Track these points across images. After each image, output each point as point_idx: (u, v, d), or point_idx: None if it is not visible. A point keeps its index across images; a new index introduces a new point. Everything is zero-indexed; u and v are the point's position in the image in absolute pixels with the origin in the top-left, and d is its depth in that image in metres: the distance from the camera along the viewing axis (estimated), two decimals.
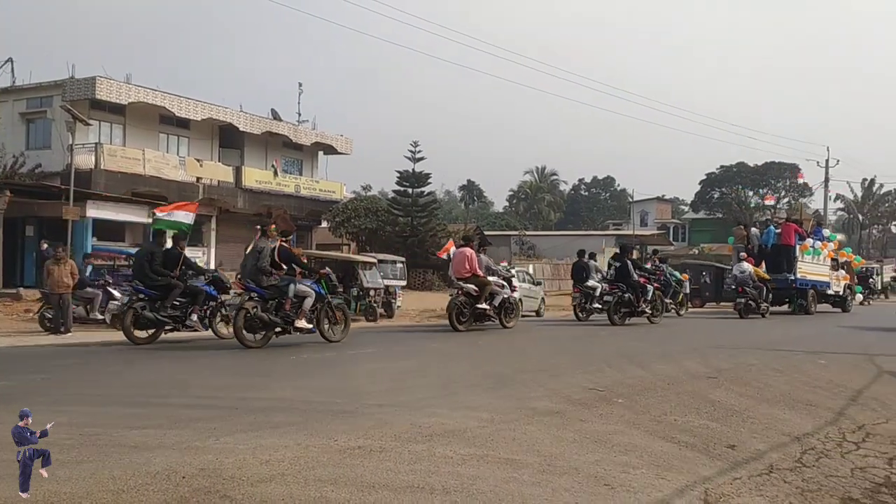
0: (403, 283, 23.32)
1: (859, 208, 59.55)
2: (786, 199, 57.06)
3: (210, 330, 12.29)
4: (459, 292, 14.49)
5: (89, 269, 16.22)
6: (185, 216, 14.34)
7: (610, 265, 17.68)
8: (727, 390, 7.71)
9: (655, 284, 17.45)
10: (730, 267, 22.11)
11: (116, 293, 14.56)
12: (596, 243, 44.69)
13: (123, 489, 3.85)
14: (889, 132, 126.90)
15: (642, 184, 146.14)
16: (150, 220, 18.20)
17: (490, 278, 14.95)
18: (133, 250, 18.16)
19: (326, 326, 11.44)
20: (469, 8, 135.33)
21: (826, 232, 25.64)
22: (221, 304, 12.37)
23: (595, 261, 18.96)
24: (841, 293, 23.90)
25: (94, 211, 23.91)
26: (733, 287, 20.41)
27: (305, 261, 12.88)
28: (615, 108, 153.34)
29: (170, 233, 13.09)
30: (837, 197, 57.54)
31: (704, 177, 60.82)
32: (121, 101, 27.98)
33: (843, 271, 24.35)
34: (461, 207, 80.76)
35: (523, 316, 20.18)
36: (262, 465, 4.36)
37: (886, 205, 61.54)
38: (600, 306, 17.48)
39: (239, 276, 11.53)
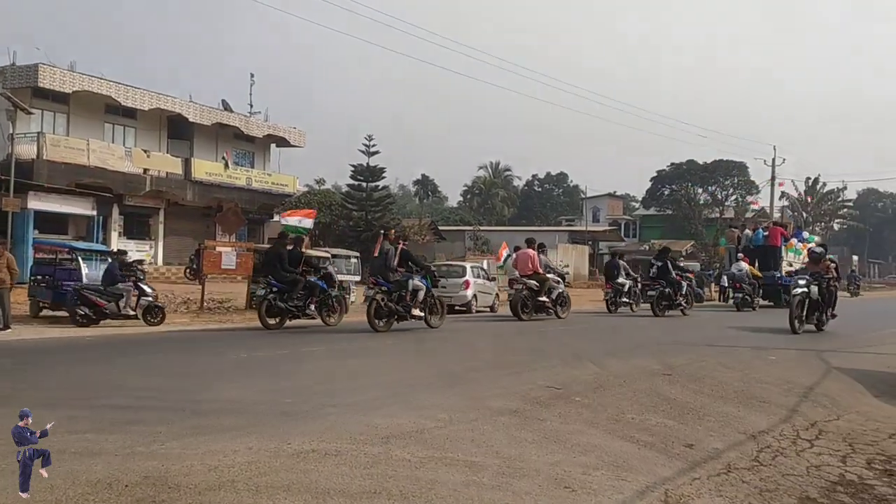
0: (358, 278, 23.06)
1: (803, 206, 61.20)
2: (733, 197, 58.24)
3: (320, 318, 14.43)
4: (523, 287, 16.58)
5: (96, 264, 15.66)
6: (306, 222, 17.61)
7: (652, 264, 19.98)
8: (682, 387, 7.74)
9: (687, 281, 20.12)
10: (707, 267, 24.54)
11: (147, 288, 14.95)
12: (549, 239, 44.96)
13: (62, 500, 3.63)
14: (831, 131, 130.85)
15: (595, 180, 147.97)
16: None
17: (548, 275, 17.05)
18: (78, 244, 17.52)
19: (430, 315, 14.12)
20: (424, 1, 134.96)
21: (805, 234, 28.37)
22: (330, 296, 14.61)
23: (623, 260, 20.78)
24: None
25: (37, 202, 23.09)
26: (729, 284, 22.78)
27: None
28: (569, 104, 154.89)
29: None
30: (783, 195, 58.99)
31: (655, 174, 61.79)
32: (64, 90, 27.07)
33: None
34: (415, 202, 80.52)
35: (478, 311, 20.18)
36: (210, 472, 4.17)
37: (829, 203, 63.34)
38: (627, 300, 20.06)
39: (370, 273, 14.22)
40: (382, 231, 15.13)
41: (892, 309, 26.36)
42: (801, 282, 14.14)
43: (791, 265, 24.99)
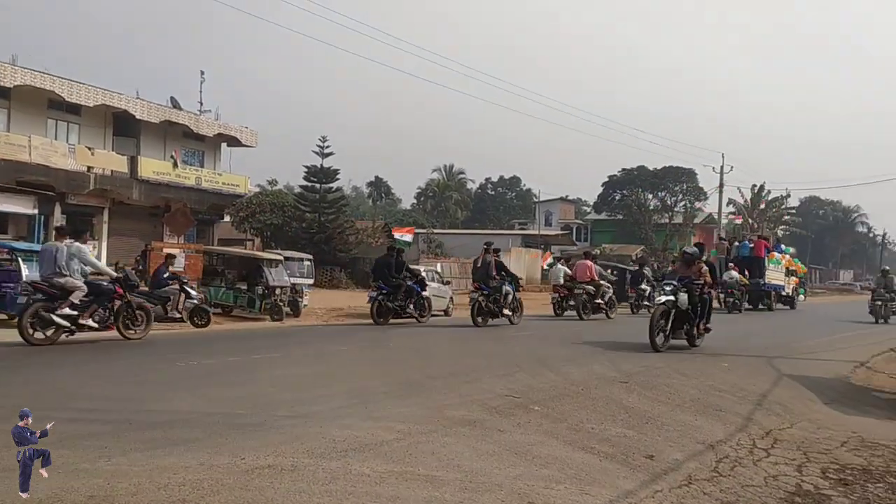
0: (311, 281, 22.73)
1: (749, 213, 62.67)
2: (682, 203, 59.32)
3: (415, 317, 17.31)
4: (583, 291, 19.82)
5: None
6: (406, 236, 19.88)
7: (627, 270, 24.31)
8: (639, 395, 7.76)
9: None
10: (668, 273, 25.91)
11: (193, 291, 15.48)
12: (502, 242, 45.11)
13: None
14: (777, 139, 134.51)
15: (547, 184, 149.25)
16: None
17: (602, 282, 20.47)
18: (18, 244, 16.77)
19: (513, 314, 17.13)
20: (377, 4, 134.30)
21: (783, 246, 31.68)
22: (423, 297, 17.59)
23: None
24: (790, 294, 29.42)
25: None
26: (722, 290, 24.57)
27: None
28: (524, 109, 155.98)
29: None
30: (730, 201, 60.34)
31: (607, 179, 62.60)
32: (5, 84, 26.03)
33: (793, 277, 29.83)
34: (368, 204, 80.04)
35: (433, 315, 20.07)
36: (159, 490, 3.97)
37: (773, 209, 64.98)
38: (649, 304, 21.64)
39: (473, 280, 17.54)
40: (485, 246, 17.74)
41: (835, 314, 27.12)
42: (667, 288, 11.94)
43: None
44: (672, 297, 11.68)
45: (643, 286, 23.36)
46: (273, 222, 34.41)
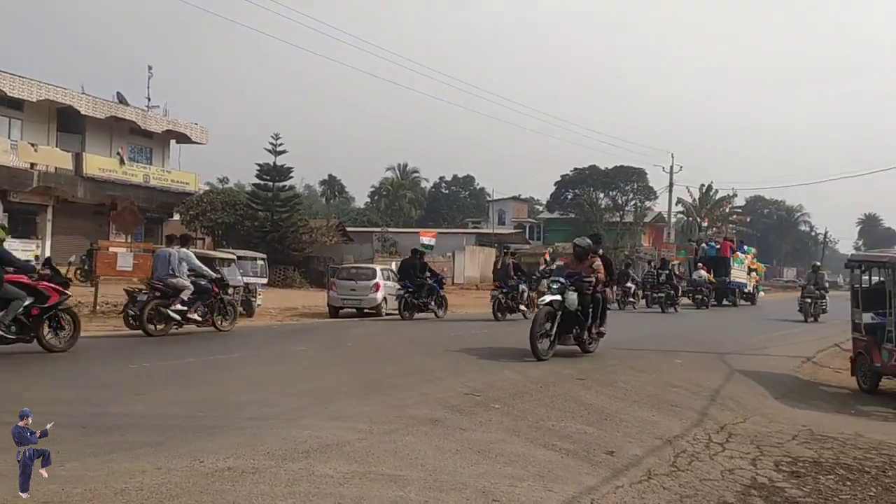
0: (264, 280, 22.40)
1: (697, 212, 64.00)
2: (633, 202, 60.21)
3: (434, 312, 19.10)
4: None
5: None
6: (430, 241, 26.08)
7: (659, 273, 25.59)
8: (597, 392, 7.86)
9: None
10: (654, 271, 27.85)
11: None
12: (456, 241, 45.26)
13: None
14: (722, 141, 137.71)
15: (501, 183, 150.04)
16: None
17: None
18: None
19: (528, 309, 18.71)
20: (331, 1, 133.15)
21: (745, 247, 33.75)
22: (442, 295, 19.71)
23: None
24: (752, 291, 31.94)
25: None
26: (692, 288, 27.25)
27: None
28: (478, 108, 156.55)
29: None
30: (679, 201, 61.51)
31: (559, 178, 63.19)
32: None
33: (754, 274, 32.33)
34: (322, 202, 79.36)
35: (388, 314, 20.00)
36: (116, 496, 3.88)
37: (721, 209, 66.45)
38: (634, 300, 25.64)
39: (494, 279, 19.61)
40: (504, 250, 20.38)
41: (783, 311, 27.88)
42: (554, 286, 10.21)
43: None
44: (558, 297, 10.05)
45: (628, 285, 25.34)
46: (225, 221, 33.82)
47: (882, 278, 10.24)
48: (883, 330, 9.55)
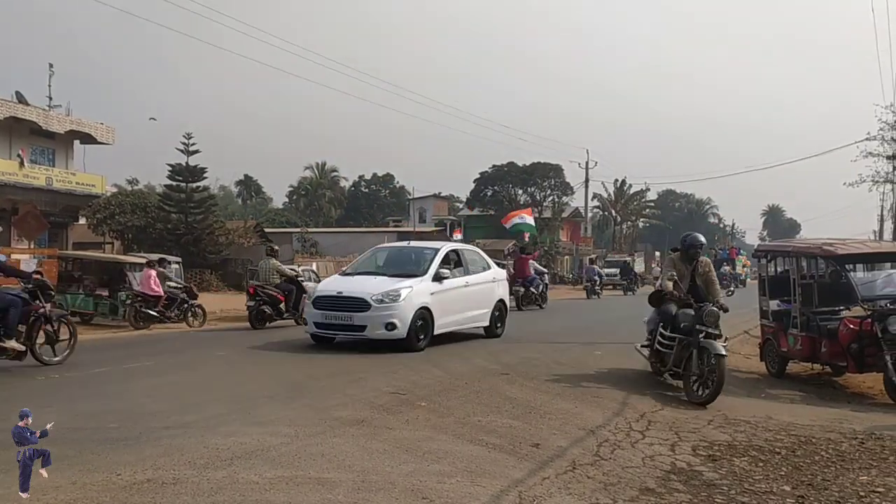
0: (179, 284, 21.74)
1: (613, 206, 65.77)
2: (550, 198, 61.32)
3: None
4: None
5: None
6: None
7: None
8: (521, 386, 7.97)
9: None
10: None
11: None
12: (378, 240, 44.98)
13: None
14: (636, 137, 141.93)
15: (420, 181, 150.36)
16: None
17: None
18: None
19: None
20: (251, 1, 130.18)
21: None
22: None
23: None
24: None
25: None
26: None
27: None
28: (396, 105, 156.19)
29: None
30: (595, 196, 63.05)
31: (478, 175, 63.70)
32: None
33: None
34: (238, 203, 77.57)
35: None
36: None
37: (635, 203, 68.47)
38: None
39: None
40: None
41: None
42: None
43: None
44: None
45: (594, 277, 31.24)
46: (135, 224, 32.59)
47: (787, 267, 10.76)
48: (788, 316, 10.03)
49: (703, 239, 8.84)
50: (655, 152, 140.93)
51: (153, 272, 16.35)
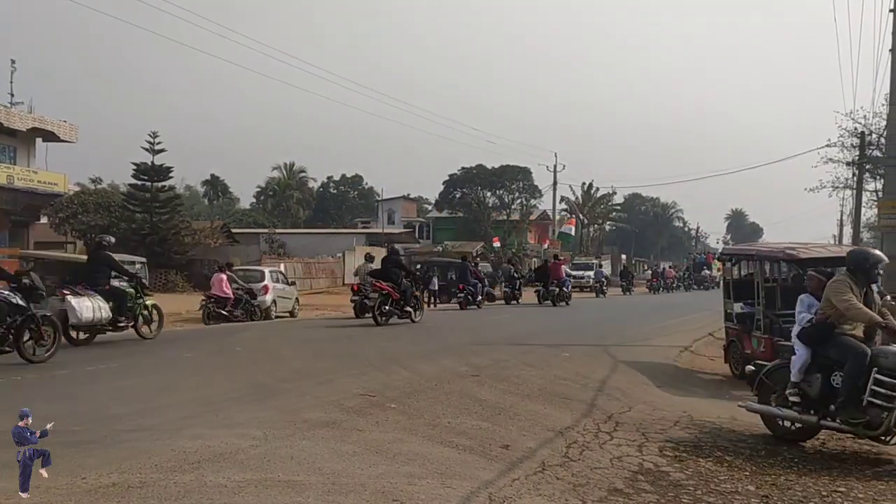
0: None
1: (580, 209, 66.30)
2: (518, 200, 61.63)
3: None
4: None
5: None
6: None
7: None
8: (490, 388, 7.99)
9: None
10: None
11: None
12: (346, 241, 44.87)
13: None
14: (603, 142, 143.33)
15: (389, 183, 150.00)
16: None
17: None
18: None
19: (566, 301, 24.85)
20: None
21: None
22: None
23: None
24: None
25: None
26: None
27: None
28: (365, 107, 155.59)
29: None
30: (563, 199, 63.50)
31: (447, 177, 63.77)
32: None
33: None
34: (204, 203, 76.65)
35: (277, 317, 19.60)
36: None
37: (602, 206, 69.11)
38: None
39: (536, 279, 25.50)
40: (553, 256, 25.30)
41: (658, 304, 29.36)
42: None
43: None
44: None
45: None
46: (98, 223, 32.05)
47: (751, 270, 10.95)
48: (752, 319, 10.21)
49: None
50: (622, 157, 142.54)
51: (224, 276, 17.72)
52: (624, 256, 69.86)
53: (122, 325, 12.18)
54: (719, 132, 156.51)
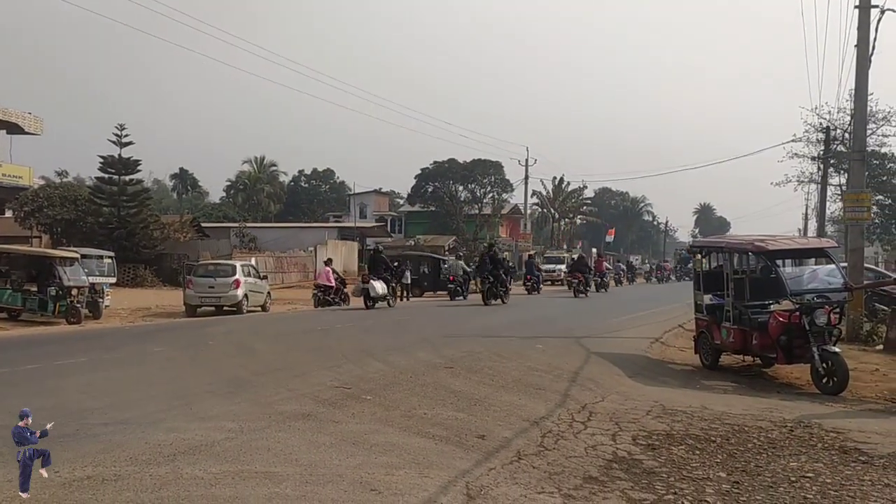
0: (112, 279, 21.14)
1: (551, 203, 66.66)
2: (490, 195, 61.79)
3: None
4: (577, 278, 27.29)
5: None
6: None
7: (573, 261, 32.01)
8: (465, 379, 8.03)
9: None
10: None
11: None
12: (318, 235, 44.58)
13: None
14: (574, 137, 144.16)
15: (361, 177, 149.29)
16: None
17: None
18: None
19: (597, 289, 29.77)
20: None
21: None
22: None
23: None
24: None
25: None
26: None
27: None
28: (337, 100, 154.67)
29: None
30: (534, 193, 63.81)
31: (419, 171, 63.68)
32: None
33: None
34: (173, 197, 75.67)
35: (249, 311, 19.44)
36: None
37: (573, 200, 69.57)
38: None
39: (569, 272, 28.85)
40: (581, 254, 27.32)
41: (630, 298, 29.66)
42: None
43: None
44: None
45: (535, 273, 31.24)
46: (64, 217, 31.45)
47: (720, 262, 11.11)
48: (722, 310, 10.36)
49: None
50: (593, 152, 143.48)
51: (329, 268, 21.79)
52: (594, 249, 70.43)
53: None
54: (689, 128, 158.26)
